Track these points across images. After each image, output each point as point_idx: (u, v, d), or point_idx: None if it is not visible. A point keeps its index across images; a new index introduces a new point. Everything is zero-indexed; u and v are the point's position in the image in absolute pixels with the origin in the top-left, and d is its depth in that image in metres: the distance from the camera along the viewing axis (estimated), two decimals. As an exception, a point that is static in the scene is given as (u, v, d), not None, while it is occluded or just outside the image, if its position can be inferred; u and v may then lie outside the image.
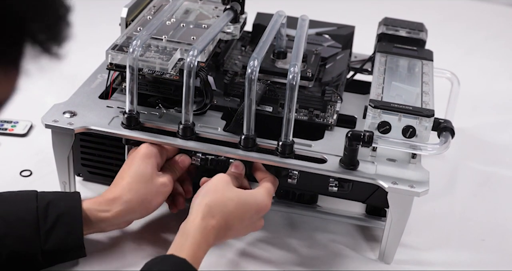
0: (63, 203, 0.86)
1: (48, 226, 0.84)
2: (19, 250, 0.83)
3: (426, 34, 1.16)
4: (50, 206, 0.85)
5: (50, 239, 0.84)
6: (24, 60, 0.52)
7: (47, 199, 0.85)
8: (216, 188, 0.87)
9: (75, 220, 0.85)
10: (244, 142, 0.93)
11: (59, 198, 0.87)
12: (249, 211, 0.87)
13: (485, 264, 0.99)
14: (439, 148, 0.91)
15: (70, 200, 0.87)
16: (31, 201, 0.85)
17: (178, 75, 0.98)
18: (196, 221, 0.84)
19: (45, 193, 0.87)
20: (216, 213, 0.85)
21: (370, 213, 1.05)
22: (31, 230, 0.83)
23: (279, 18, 1.04)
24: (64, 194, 0.89)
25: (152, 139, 0.94)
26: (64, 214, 0.85)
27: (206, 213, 0.84)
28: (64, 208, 0.85)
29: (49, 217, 0.84)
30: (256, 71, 0.89)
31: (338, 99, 1.04)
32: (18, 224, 0.83)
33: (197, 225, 0.83)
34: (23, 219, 0.83)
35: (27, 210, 0.84)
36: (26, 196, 0.86)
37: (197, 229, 0.83)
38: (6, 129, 1.18)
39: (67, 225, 0.85)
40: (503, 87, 1.50)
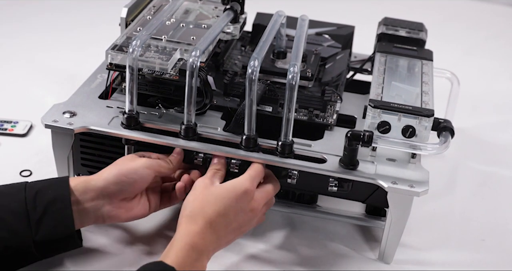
0: (51, 191, 0.84)
1: (37, 216, 0.82)
2: (12, 243, 0.82)
3: (426, 34, 1.16)
4: (38, 195, 0.83)
5: (40, 229, 0.82)
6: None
7: (35, 188, 0.84)
8: (194, 196, 0.87)
9: (64, 206, 0.84)
10: (245, 142, 0.93)
11: (47, 185, 0.85)
12: (229, 202, 0.86)
13: (485, 264, 0.99)
14: (439, 147, 0.91)
15: (58, 187, 0.85)
16: (19, 192, 0.84)
17: (178, 75, 0.98)
18: (179, 229, 0.83)
19: (34, 182, 0.86)
20: (197, 218, 0.83)
21: (370, 213, 1.05)
22: (22, 222, 0.82)
23: (279, 18, 1.04)
24: (53, 181, 0.87)
25: (152, 139, 0.94)
26: (52, 202, 0.83)
27: (187, 222, 0.84)
28: (52, 196, 0.84)
29: (38, 206, 0.83)
30: (256, 71, 0.89)
31: (338, 99, 1.04)
32: (9, 216, 0.82)
33: (179, 234, 0.82)
34: (12, 211, 0.82)
35: (16, 201, 0.83)
36: (15, 187, 0.85)
37: (180, 238, 0.82)
38: (6, 129, 1.18)
39: (56, 213, 0.83)
40: (503, 87, 1.50)
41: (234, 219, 0.86)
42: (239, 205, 0.87)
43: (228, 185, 0.88)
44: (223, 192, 0.87)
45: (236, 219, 0.87)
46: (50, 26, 1.61)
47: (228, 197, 0.86)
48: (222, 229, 0.85)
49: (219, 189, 0.87)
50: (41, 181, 0.87)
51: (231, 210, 0.86)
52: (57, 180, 0.87)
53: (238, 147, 0.94)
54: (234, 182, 0.88)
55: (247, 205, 0.88)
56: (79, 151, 1.03)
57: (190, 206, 0.86)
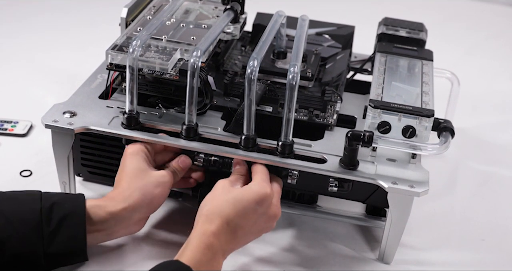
0: (67, 205, 0.85)
1: (51, 228, 0.83)
2: (22, 251, 0.82)
3: (426, 34, 1.16)
4: (55, 208, 0.84)
5: (53, 241, 0.83)
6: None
7: (51, 201, 0.85)
8: (213, 195, 0.87)
9: (79, 223, 0.84)
10: (244, 142, 0.93)
11: (64, 199, 0.86)
12: (250, 205, 0.86)
13: (485, 264, 0.99)
14: (439, 148, 0.91)
15: (74, 202, 0.86)
16: (35, 201, 0.84)
17: (178, 75, 0.98)
18: (196, 229, 0.84)
19: (49, 194, 0.87)
20: (214, 218, 0.84)
21: (370, 213, 1.05)
22: (34, 232, 0.82)
23: (279, 18, 1.04)
24: (69, 196, 0.88)
25: (153, 139, 0.94)
26: (67, 217, 0.84)
27: (204, 221, 0.84)
28: (68, 211, 0.84)
29: (53, 219, 0.83)
30: (255, 71, 0.89)
31: (338, 99, 1.04)
32: (22, 225, 0.82)
33: (197, 231, 0.83)
34: (26, 220, 0.83)
35: (31, 210, 0.83)
36: (31, 196, 0.86)
37: (196, 237, 0.82)
38: (6, 129, 1.18)
39: (71, 228, 0.84)
40: (503, 87, 1.50)
41: (254, 222, 0.87)
42: (260, 208, 0.87)
43: (247, 188, 0.88)
44: (244, 193, 0.87)
45: (257, 222, 0.88)
46: (50, 26, 1.61)
47: (248, 199, 0.86)
48: (239, 230, 0.86)
49: (240, 191, 0.87)
50: (56, 193, 0.88)
51: (251, 213, 0.86)
52: (73, 196, 0.88)
53: (237, 147, 0.94)
54: (252, 186, 0.88)
55: (267, 209, 0.88)
56: (79, 151, 1.03)
57: (208, 205, 0.86)
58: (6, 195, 0.86)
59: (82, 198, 0.87)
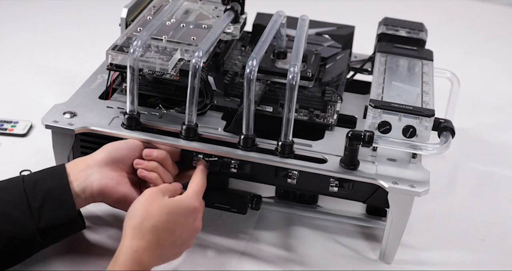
0: (50, 179, 0.86)
1: (38, 204, 0.84)
2: (16, 234, 0.83)
3: (426, 34, 1.16)
4: (37, 185, 0.85)
5: (42, 216, 0.83)
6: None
7: (33, 179, 0.86)
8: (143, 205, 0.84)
9: (64, 192, 0.85)
10: (243, 142, 0.93)
11: (45, 175, 0.87)
12: (179, 220, 0.84)
13: (485, 264, 0.99)
14: (439, 147, 0.91)
15: (56, 175, 0.86)
16: (18, 184, 0.85)
17: (178, 75, 0.98)
18: (125, 244, 0.81)
19: (31, 174, 0.88)
20: (145, 233, 0.82)
21: (370, 213, 1.05)
22: (24, 212, 0.83)
23: (279, 18, 1.04)
24: (50, 170, 0.88)
25: (153, 139, 0.94)
26: (52, 189, 0.85)
27: (134, 235, 0.81)
28: (51, 184, 0.85)
29: (38, 195, 0.84)
30: (254, 71, 0.89)
31: (338, 99, 1.04)
32: (10, 209, 0.83)
33: (127, 248, 0.80)
34: (13, 203, 0.83)
35: (15, 193, 0.84)
36: (13, 181, 0.87)
37: (127, 253, 0.80)
38: (6, 129, 1.18)
39: (57, 199, 0.84)
40: (503, 87, 1.50)
41: (180, 236, 0.85)
42: (187, 222, 0.86)
43: (178, 200, 0.86)
44: (174, 207, 0.85)
45: (181, 236, 0.85)
46: (50, 26, 1.61)
47: (178, 213, 0.85)
48: (167, 245, 0.84)
49: (170, 204, 0.85)
50: (38, 171, 0.88)
51: (179, 227, 0.85)
52: (54, 169, 0.88)
53: (236, 147, 0.94)
54: (184, 198, 0.87)
55: (193, 222, 0.87)
56: (79, 151, 1.03)
57: (137, 218, 0.83)
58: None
59: (63, 169, 0.87)
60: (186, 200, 0.87)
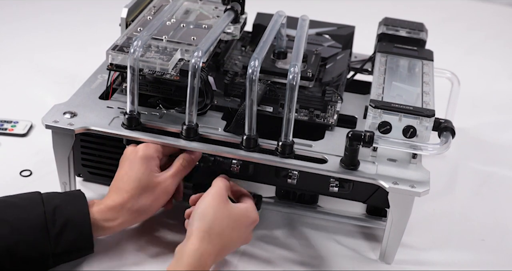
0: (70, 207, 0.86)
1: (57, 230, 0.84)
2: (31, 255, 0.83)
3: (426, 34, 1.16)
4: (58, 210, 0.85)
5: (60, 243, 0.84)
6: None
7: (53, 203, 0.86)
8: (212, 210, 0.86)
9: (84, 224, 0.86)
10: (246, 142, 0.93)
11: (66, 201, 0.87)
12: (242, 229, 0.89)
13: (485, 264, 0.99)
14: (439, 148, 0.91)
15: (76, 204, 0.87)
16: (37, 205, 0.85)
17: (179, 75, 0.98)
18: (194, 246, 0.83)
19: (50, 196, 0.87)
20: (214, 238, 0.85)
21: (370, 213, 1.05)
22: (41, 235, 0.84)
23: (279, 18, 1.04)
24: (69, 197, 0.88)
25: (154, 139, 0.94)
26: (72, 219, 0.85)
27: (204, 240, 0.84)
28: (71, 212, 0.86)
29: (57, 221, 0.84)
30: (257, 72, 0.89)
31: (339, 100, 1.04)
32: (28, 230, 0.83)
33: (194, 251, 0.83)
34: (31, 225, 0.84)
35: (34, 215, 0.84)
36: (32, 199, 0.86)
37: (194, 255, 0.82)
38: (6, 129, 1.18)
39: (76, 229, 0.85)
40: (503, 87, 1.50)
41: (236, 242, 0.90)
42: (246, 231, 0.90)
43: (244, 210, 0.90)
44: (240, 216, 0.89)
45: (237, 243, 0.90)
46: (50, 26, 1.61)
47: (243, 222, 0.89)
48: (227, 251, 0.88)
49: (237, 212, 0.89)
50: (56, 194, 0.88)
51: (240, 235, 0.89)
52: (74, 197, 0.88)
53: (239, 147, 0.94)
54: (248, 209, 0.90)
55: (250, 234, 0.91)
56: (79, 151, 1.03)
57: (208, 220, 0.86)
58: (7, 202, 0.86)
59: (83, 198, 0.88)
60: (251, 210, 0.90)
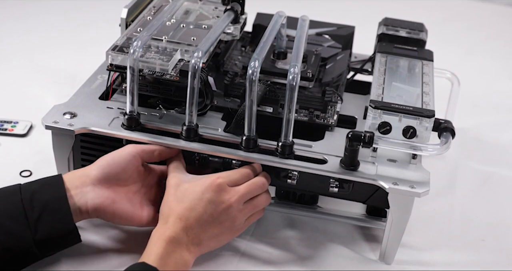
0: (47, 191, 0.85)
1: (35, 215, 0.83)
2: (12, 245, 0.83)
3: (426, 35, 1.16)
4: (35, 196, 0.84)
5: (39, 228, 0.83)
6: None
7: (30, 190, 0.85)
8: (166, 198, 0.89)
9: (62, 205, 0.85)
10: (245, 143, 0.93)
11: (42, 186, 0.86)
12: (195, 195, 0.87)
13: (485, 264, 0.99)
14: (439, 148, 0.92)
15: (53, 186, 0.86)
16: (15, 194, 0.85)
17: (179, 76, 0.98)
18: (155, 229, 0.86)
19: (28, 184, 0.87)
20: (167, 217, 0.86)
21: (370, 213, 1.05)
22: (20, 224, 0.83)
23: (279, 19, 1.04)
24: (47, 181, 0.88)
25: (154, 140, 0.94)
26: (49, 201, 0.84)
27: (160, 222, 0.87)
28: (48, 195, 0.85)
29: (35, 207, 0.84)
30: (257, 72, 0.89)
31: (339, 100, 1.04)
32: (5, 219, 0.83)
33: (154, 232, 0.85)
34: (9, 213, 0.83)
35: (12, 204, 0.84)
36: (9, 190, 0.86)
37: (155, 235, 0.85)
38: (6, 130, 1.18)
39: (55, 211, 0.84)
40: (503, 87, 1.50)
41: (204, 211, 0.87)
42: (205, 196, 0.87)
43: (196, 179, 0.89)
44: (189, 188, 0.88)
45: (206, 210, 0.87)
46: (50, 26, 1.61)
47: (194, 191, 0.88)
48: (193, 222, 0.86)
49: (187, 186, 0.89)
50: (35, 181, 0.88)
51: (198, 203, 0.87)
52: (51, 179, 0.88)
53: (238, 148, 0.94)
54: (203, 176, 0.90)
55: (216, 196, 0.87)
56: (79, 152, 1.02)
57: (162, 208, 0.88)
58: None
59: (61, 181, 0.87)
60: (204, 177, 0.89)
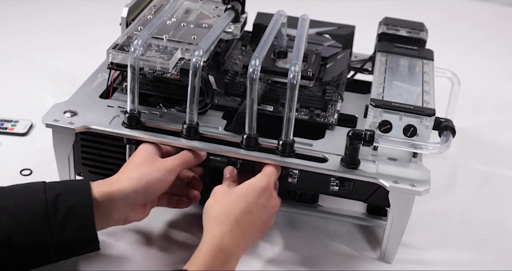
0: (73, 194, 0.83)
1: (59, 219, 0.81)
2: (32, 245, 0.81)
3: (426, 34, 1.16)
4: (60, 199, 0.82)
5: (62, 233, 0.81)
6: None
7: (56, 191, 0.83)
8: (215, 199, 0.87)
9: (87, 212, 0.83)
10: (246, 141, 0.93)
11: (68, 189, 0.84)
12: (252, 199, 0.87)
13: (485, 263, 0.99)
14: (440, 147, 0.92)
15: (80, 191, 0.84)
16: (39, 193, 0.82)
17: (179, 74, 0.98)
18: (206, 232, 0.83)
19: (53, 184, 0.85)
20: (224, 218, 0.84)
21: (371, 212, 1.05)
22: (42, 225, 0.81)
23: (279, 18, 1.04)
24: (74, 184, 0.86)
25: (154, 138, 0.94)
26: (74, 207, 0.82)
27: (215, 223, 0.84)
28: (74, 200, 0.83)
29: (60, 210, 0.81)
30: (257, 71, 0.89)
31: (339, 99, 1.04)
32: (28, 219, 0.81)
33: (207, 235, 0.83)
34: (32, 214, 0.81)
35: (35, 203, 0.81)
36: (34, 188, 0.84)
37: (207, 239, 0.82)
38: (6, 129, 1.18)
39: (79, 218, 0.82)
40: (503, 87, 1.50)
41: (258, 216, 0.87)
42: (261, 201, 0.88)
43: (246, 184, 0.89)
44: (243, 191, 0.88)
45: (260, 216, 0.88)
46: (50, 26, 1.61)
47: (249, 194, 0.87)
48: (248, 227, 0.86)
49: (239, 189, 0.88)
50: (60, 182, 0.87)
51: (254, 207, 0.87)
52: (78, 184, 0.86)
53: (239, 146, 0.94)
54: (251, 181, 0.89)
55: (268, 201, 0.89)
56: (80, 150, 1.03)
57: (213, 210, 0.86)
58: (8, 189, 0.84)
59: (87, 186, 0.85)
60: (254, 181, 0.89)
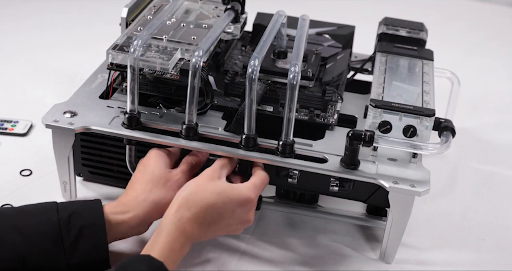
0: (86, 214, 0.83)
1: (71, 239, 0.81)
2: (45, 265, 0.80)
3: (426, 34, 1.16)
4: (73, 218, 0.82)
5: (74, 252, 0.81)
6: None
7: (68, 211, 0.83)
8: (197, 182, 0.86)
9: (100, 231, 0.83)
10: (245, 142, 0.93)
11: (81, 208, 0.84)
12: (230, 204, 0.85)
13: (485, 263, 0.99)
14: (440, 147, 0.92)
15: (92, 211, 0.84)
16: (52, 213, 0.83)
17: (179, 75, 0.98)
18: (169, 213, 0.83)
19: (66, 204, 0.85)
20: (192, 205, 0.83)
21: (371, 212, 1.05)
22: (55, 244, 0.81)
23: (279, 18, 1.04)
24: (86, 204, 0.85)
25: (154, 139, 0.94)
26: (87, 226, 0.82)
27: (181, 205, 0.83)
28: (87, 220, 0.83)
29: (72, 229, 0.82)
30: (256, 71, 0.89)
31: (339, 99, 1.04)
32: (40, 239, 0.81)
33: (171, 217, 0.82)
34: (45, 233, 0.81)
35: (48, 223, 0.82)
36: (46, 208, 0.84)
37: (170, 222, 0.82)
38: (6, 129, 1.18)
39: (92, 238, 0.82)
40: (503, 87, 1.50)
41: (228, 222, 0.86)
42: (237, 210, 0.86)
43: (235, 186, 0.87)
44: (228, 191, 0.86)
45: (230, 223, 0.87)
46: (50, 26, 1.61)
47: (231, 198, 0.86)
48: (212, 224, 0.85)
49: (225, 186, 0.87)
50: (72, 202, 0.86)
51: (228, 213, 0.86)
52: (90, 204, 0.86)
53: (238, 147, 0.94)
54: (241, 187, 0.88)
55: (244, 214, 0.87)
56: (79, 150, 1.03)
57: (189, 190, 0.85)
58: (20, 209, 0.84)
59: (100, 205, 0.85)
60: (243, 189, 0.87)
